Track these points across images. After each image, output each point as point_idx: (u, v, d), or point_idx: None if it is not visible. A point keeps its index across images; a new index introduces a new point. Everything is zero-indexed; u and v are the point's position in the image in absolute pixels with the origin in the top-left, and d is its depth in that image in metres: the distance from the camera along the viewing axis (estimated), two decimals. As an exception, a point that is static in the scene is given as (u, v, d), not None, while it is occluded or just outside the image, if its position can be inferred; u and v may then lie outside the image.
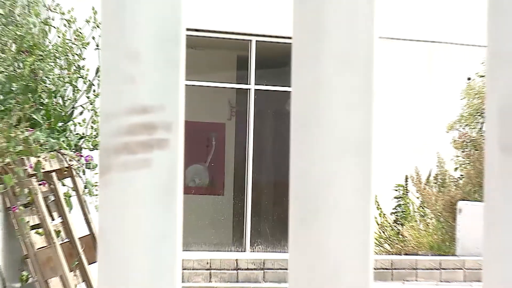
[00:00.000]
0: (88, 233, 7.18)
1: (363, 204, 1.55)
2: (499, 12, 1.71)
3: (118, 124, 1.67)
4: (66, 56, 8.06)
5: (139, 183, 1.75)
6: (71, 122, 7.93)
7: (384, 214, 12.55)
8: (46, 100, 7.75)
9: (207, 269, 10.11)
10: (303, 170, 1.60)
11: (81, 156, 7.54)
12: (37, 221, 7.08)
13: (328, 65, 1.68)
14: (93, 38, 7.89)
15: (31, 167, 6.72)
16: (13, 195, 6.59)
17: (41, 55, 7.89)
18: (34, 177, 6.87)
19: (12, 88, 7.74)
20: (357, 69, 1.57)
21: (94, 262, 7.25)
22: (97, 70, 7.94)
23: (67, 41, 8.17)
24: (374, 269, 1.77)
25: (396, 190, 13.05)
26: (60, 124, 7.92)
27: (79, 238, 7.07)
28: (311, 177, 1.65)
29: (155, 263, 1.73)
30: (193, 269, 9.87)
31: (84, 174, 7.47)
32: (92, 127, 7.95)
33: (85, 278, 7.03)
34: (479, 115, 11.92)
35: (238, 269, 10.38)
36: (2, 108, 7.28)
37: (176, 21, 1.58)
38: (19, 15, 8.11)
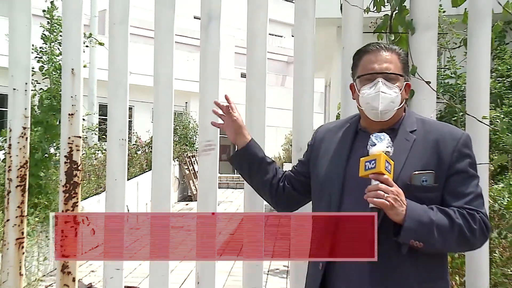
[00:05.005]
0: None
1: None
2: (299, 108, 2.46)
3: (203, 143, 2.81)
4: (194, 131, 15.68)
5: (208, 159, 2.82)
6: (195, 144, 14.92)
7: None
8: (189, 140, 15.83)
9: (219, 178, 16.74)
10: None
11: (197, 151, 14.62)
12: (185, 167, 14.24)
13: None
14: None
15: (188, 155, 14.21)
16: (181, 161, 14.13)
17: (185, 128, 15.88)
18: (187, 157, 14.01)
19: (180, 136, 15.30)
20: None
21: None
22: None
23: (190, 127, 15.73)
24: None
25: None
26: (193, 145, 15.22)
27: (196, 171, 12.84)
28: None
29: (210, 179, 2.79)
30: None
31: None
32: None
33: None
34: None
35: (233, 175, 17.58)
36: (178, 141, 14.81)
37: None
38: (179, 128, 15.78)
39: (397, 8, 2.58)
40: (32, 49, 3.26)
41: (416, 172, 1.75)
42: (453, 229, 1.70)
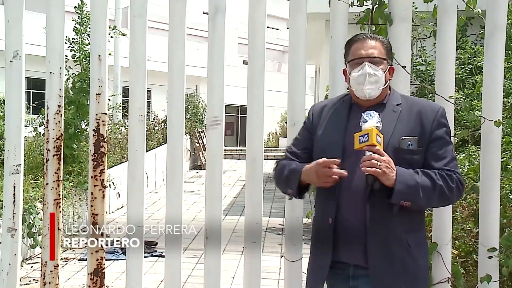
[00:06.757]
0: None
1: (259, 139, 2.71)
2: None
3: (211, 119, 2.72)
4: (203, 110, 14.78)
5: (214, 132, 2.73)
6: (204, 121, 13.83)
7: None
8: (199, 117, 14.85)
9: (224, 150, 16.78)
10: (249, 133, 2.70)
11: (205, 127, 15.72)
12: (195, 141, 13.86)
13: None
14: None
15: (198, 130, 13.47)
16: (192, 135, 14.44)
17: (196, 107, 15.79)
18: (197, 132, 13.48)
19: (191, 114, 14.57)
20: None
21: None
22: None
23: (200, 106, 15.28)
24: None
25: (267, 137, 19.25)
26: (202, 122, 14.51)
27: (205, 144, 12.40)
28: (252, 135, 2.70)
29: (217, 151, 2.71)
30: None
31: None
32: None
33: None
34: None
35: (236, 147, 17.91)
36: (189, 119, 14.08)
37: (220, 104, 2.69)
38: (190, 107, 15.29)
39: (377, 3, 2.55)
40: (66, 40, 3.23)
41: (403, 138, 1.77)
42: (435, 189, 1.73)
